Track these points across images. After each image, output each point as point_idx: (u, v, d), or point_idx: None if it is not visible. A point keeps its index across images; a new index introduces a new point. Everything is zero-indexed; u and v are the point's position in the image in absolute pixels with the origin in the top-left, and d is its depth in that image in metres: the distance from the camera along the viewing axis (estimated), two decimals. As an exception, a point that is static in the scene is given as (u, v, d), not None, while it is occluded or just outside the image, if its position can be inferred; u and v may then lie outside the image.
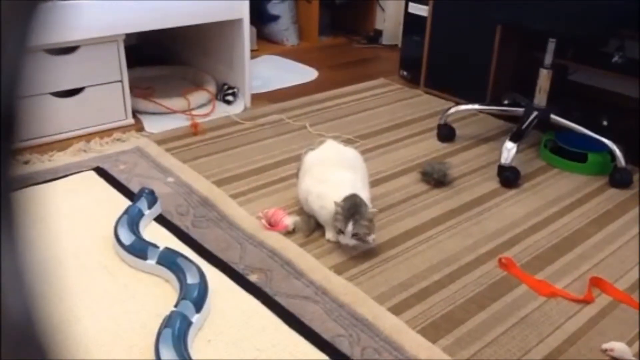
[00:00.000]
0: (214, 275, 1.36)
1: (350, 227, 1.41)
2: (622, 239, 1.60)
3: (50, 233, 1.41)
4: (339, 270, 1.42)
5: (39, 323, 0.32)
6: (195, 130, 2.13)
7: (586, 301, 1.34)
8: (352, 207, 1.43)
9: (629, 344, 1.21)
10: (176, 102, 2.27)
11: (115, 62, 2.07)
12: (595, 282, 1.40)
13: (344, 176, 1.53)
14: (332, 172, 1.55)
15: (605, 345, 1.20)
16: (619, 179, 1.86)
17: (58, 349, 0.33)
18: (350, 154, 1.65)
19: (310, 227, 1.56)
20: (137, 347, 1.16)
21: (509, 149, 1.85)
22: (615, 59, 2.24)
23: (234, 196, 1.72)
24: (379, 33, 3.35)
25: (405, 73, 2.77)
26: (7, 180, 0.30)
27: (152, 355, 1.10)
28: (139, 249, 1.39)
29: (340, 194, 1.46)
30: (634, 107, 2.35)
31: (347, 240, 1.44)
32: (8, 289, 0.30)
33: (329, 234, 1.53)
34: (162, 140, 2.05)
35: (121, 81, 2.10)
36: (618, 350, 1.19)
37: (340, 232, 1.44)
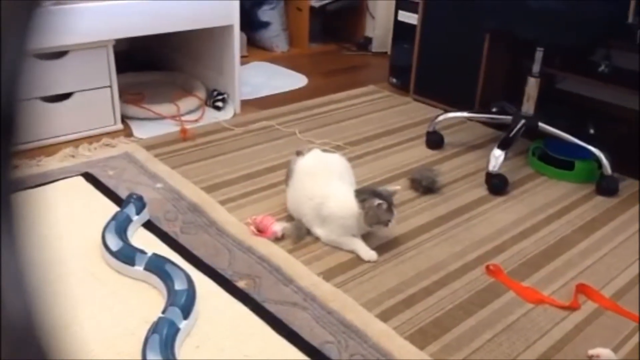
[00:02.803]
0: (202, 281, 1.36)
1: (395, 212, 1.51)
2: (608, 246, 1.61)
3: (38, 239, 1.40)
4: (327, 276, 1.42)
5: (39, 324, 0.32)
6: (184, 136, 2.13)
7: (572, 308, 1.35)
8: (386, 195, 1.51)
9: (615, 350, 1.22)
10: (165, 108, 2.27)
11: (104, 68, 2.06)
12: (582, 289, 1.41)
13: (336, 186, 1.55)
14: (325, 184, 1.56)
15: (591, 352, 1.21)
16: (605, 187, 1.88)
17: (57, 350, 0.33)
18: (337, 161, 1.65)
19: (300, 233, 1.56)
20: (124, 353, 1.15)
21: (497, 156, 1.86)
22: (602, 67, 2.27)
23: (223, 202, 1.72)
24: (368, 40, 3.37)
25: (394, 80, 2.78)
26: (8, 182, 0.30)
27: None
28: (127, 255, 1.38)
29: (338, 204, 1.51)
30: (620, 115, 2.37)
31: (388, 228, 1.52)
32: (8, 290, 0.30)
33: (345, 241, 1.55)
34: (151, 146, 2.05)
35: (110, 86, 2.10)
36: (604, 356, 1.20)
37: (388, 222, 1.50)
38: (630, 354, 1.23)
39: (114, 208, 1.61)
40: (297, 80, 2.86)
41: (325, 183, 1.55)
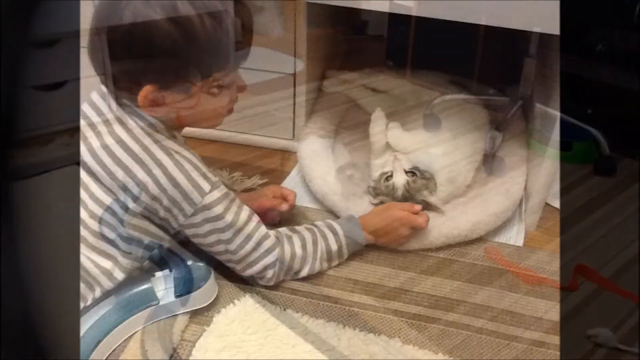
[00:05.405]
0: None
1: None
2: (606, 226, 1.61)
3: (33, 230, 1.39)
4: (325, 261, 1.42)
5: (39, 323, 0.31)
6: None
7: (571, 289, 1.35)
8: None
9: (614, 330, 1.23)
10: (160, 95, 2.25)
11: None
12: (580, 270, 1.41)
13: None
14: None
15: (590, 332, 1.22)
16: (603, 167, 1.88)
17: (57, 349, 0.33)
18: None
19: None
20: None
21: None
22: (599, 47, 2.25)
23: (220, 189, 1.71)
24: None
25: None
26: (7, 172, 0.30)
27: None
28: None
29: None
30: (618, 95, 2.36)
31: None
32: (8, 289, 0.30)
33: None
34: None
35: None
36: (602, 336, 1.20)
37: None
38: (629, 334, 1.23)
39: (110, 196, 1.60)
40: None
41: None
